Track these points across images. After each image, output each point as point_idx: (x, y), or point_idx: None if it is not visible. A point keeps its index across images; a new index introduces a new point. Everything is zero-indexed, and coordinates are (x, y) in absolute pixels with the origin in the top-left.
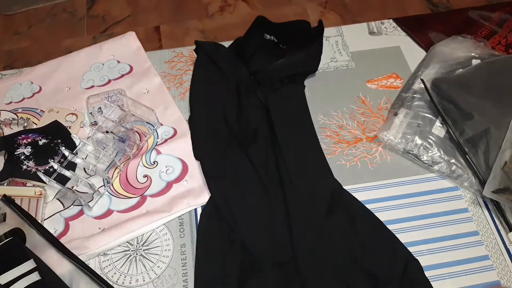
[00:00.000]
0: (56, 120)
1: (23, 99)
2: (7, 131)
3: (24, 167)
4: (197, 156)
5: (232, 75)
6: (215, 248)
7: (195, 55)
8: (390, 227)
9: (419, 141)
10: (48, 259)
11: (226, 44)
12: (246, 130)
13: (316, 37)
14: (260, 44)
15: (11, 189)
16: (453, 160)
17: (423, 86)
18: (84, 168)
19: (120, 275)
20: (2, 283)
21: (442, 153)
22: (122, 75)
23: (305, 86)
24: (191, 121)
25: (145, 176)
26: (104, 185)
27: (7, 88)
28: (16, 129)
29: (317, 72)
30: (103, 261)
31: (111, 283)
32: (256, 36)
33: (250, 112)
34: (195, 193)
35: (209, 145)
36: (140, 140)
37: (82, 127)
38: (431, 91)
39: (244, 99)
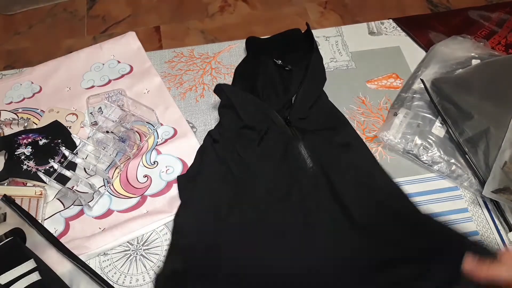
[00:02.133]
0: (56, 120)
1: (24, 99)
2: (7, 131)
3: (24, 167)
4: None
5: (262, 128)
6: None
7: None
8: None
9: (419, 141)
10: (48, 259)
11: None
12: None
13: (310, 48)
14: (274, 75)
15: (11, 189)
16: (453, 160)
17: (423, 86)
18: (84, 168)
19: (120, 275)
20: (2, 283)
21: (442, 153)
22: (122, 75)
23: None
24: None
25: (145, 176)
26: (104, 185)
27: (7, 88)
28: (16, 129)
29: None
30: (103, 261)
31: (111, 283)
32: (268, 63)
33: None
34: None
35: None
36: (140, 140)
37: (82, 127)
38: (431, 91)
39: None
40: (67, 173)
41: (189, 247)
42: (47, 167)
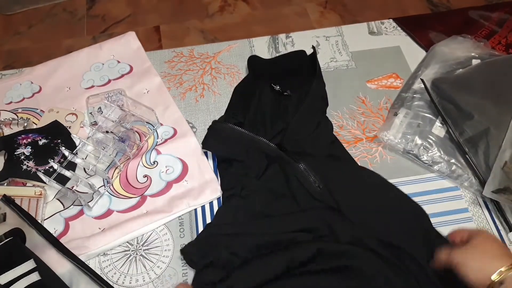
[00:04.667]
0: (56, 120)
1: (23, 99)
2: (7, 131)
3: (24, 167)
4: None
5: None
6: None
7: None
8: None
9: (419, 141)
10: (48, 259)
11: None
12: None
13: (313, 73)
14: (271, 100)
15: (11, 189)
16: (453, 160)
17: (423, 86)
18: (84, 168)
19: (120, 275)
20: (2, 283)
21: (442, 153)
22: (122, 75)
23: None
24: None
25: (145, 176)
26: (104, 185)
27: (7, 88)
28: (16, 129)
29: None
30: (103, 261)
31: (111, 283)
32: (264, 88)
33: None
34: (195, 193)
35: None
36: (140, 140)
37: (82, 127)
38: (431, 91)
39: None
40: (67, 173)
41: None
42: (47, 167)
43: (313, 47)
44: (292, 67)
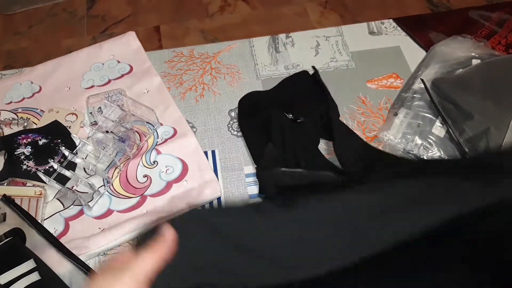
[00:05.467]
0: (56, 120)
1: (23, 99)
2: (7, 131)
3: (24, 167)
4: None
5: None
6: None
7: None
8: None
9: (419, 141)
10: (48, 259)
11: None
12: None
13: (321, 93)
14: (290, 130)
15: (11, 189)
16: None
17: (423, 86)
18: (84, 168)
19: None
20: (2, 283)
21: (442, 153)
22: (122, 75)
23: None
24: None
25: (145, 176)
26: (104, 185)
27: (7, 88)
28: (16, 129)
29: None
30: (103, 261)
31: None
32: (279, 117)
33: None
34: (194, 193)
35: None
36: (140, 140)
37: (82, 127)
38: (431, 91)
39: None
40: (67, 173)
41: None
42: (47, 167)
43: (314, 68)
44: (298, 91)
